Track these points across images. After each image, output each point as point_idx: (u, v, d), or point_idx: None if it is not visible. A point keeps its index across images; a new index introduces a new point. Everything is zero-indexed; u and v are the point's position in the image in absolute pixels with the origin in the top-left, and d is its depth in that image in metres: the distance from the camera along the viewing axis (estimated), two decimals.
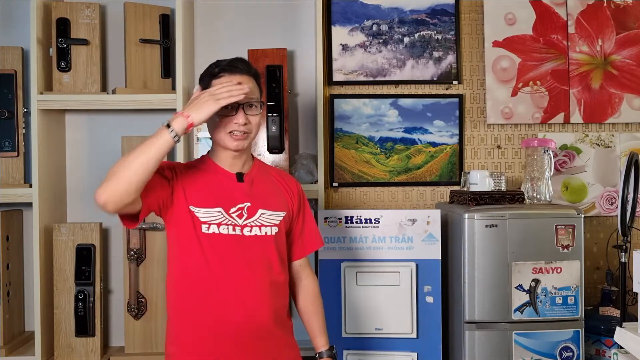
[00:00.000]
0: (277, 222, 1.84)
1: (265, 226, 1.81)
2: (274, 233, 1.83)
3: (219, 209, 1.76)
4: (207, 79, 1.79)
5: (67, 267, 2.68)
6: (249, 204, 1.80)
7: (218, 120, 1.75)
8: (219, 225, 1.75)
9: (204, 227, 1.74)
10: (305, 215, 1.98)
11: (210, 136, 1.83)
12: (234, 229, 1.76)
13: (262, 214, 1.81)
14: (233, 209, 1.77)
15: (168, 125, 1.62)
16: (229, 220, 1.76)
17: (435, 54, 3.08)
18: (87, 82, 2.73)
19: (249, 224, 1.78)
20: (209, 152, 1.90)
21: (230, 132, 1.76)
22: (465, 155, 3.09)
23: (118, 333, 2.91)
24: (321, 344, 1.97)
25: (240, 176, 1.83)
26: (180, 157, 2.66)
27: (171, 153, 2.80)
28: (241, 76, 1.77)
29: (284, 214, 1.87)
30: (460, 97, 3.08)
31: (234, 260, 1.75)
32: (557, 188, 3.04)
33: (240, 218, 1.78)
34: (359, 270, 2.55)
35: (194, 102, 1.66)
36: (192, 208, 1.74)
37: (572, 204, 3.05)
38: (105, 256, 2.91)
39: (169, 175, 1.76)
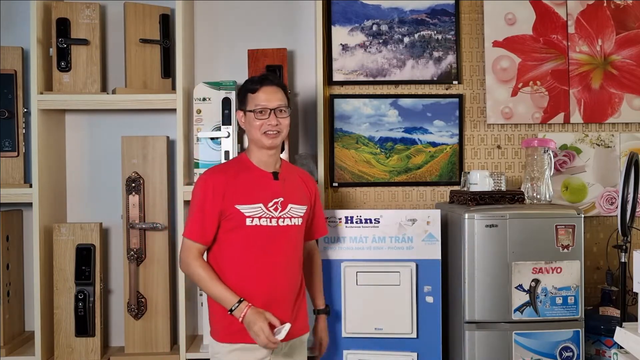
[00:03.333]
0: (302, 214, 2.20)
1: (295, 217, 2.17)
2: (300, 224, 2.19)
3: (260, 204, 2.11)
4: (244, 94, 2.17)
5: (67, 267, 2.68)
6: (282, 198, 2.14)
7: (257, 123, 2.11)
8: (260, 218, 2.10)
9: (247, 221, 2.09)
10: (318, 207, 2.36)
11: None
12: (270, 221, 2.11)
13: (291, 207, 2.16)
14: (270, 204, 2.12)
15: (234, 307, 2.04)
16: (268, 213, 2.11)
17: (435, 54, 3.08)
18: (87, 82, 2.73)
19: (282, 216, 2.14)
20: (245, 151, 2.24)
21: (264, 133, 2.12)
22: (465, 155, 3.09)
23: (118, 333, 2.91)
24: (320, 304, 2.39)
25: (275, 175, 2.17)
26: (180, 156, 2.65)
27: (172, 153, 2.82)
28: (271, 87, 2.15)
29: (306, 208, 2.22)
30: (460, 97, 3.08)
31: (270, 246, 2.11)
32: (557, 188, 3.04)
33: (276, 211, 2.13)
34: (359, 270, 2.55)
35: (250, 326, 2.02)
36: (237, 206, 2.09)
37: (572, 204, 3.05)
38: (105, 256, 2.91)
39: (220, 208, 2.10)
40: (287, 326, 2.02)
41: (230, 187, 2.10)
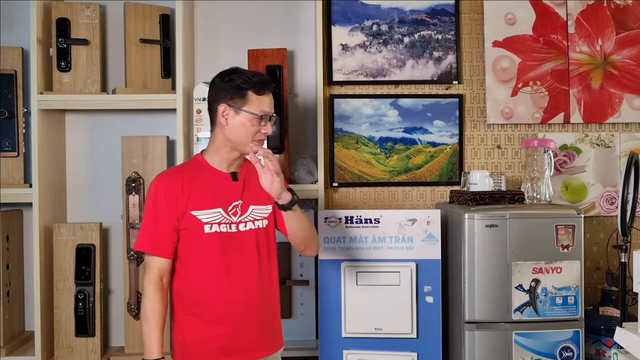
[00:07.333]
0: (267, 215, 2.00)
1: (257, 220, 1.97)
2: (264, 226, 1.99)
3: (219, 209, 1.91)
4: (243, 90, 1.88)
5: (67, 267, 2.68)
6: (241, 201, 1.95)
7: (253, 128, 1.88)
8: (219, 224, 1.90)
9: (206, 228, 1.89)
10: None
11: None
12: (230, 227, 1.92)
13: (253, 209, 1.96)
14: (229, 207, 1.93)
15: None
16: (227, 218, 1.92)
17: (435, 54, 3.08)
18: (87, 82, 2.73)
19: (242, 220, 1.94)
20: (202, 151, 2.01)
21: (252, 140, 1.90)
22: (465, 155, 3.09)
23: (118, 333, 2.91)
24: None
25: (234, 175, 1.97)
26: (180, 156, 2.66)
27: (172, 153, 2.81)
28: (268, 95, 1.91)
29: (271, 207, 2.01)
30: (460, 97, 3.08)
31: (238, 256, 1.92)
32: (557, 188, 3.04)
33: (235, 215, 1.93)
34: (359, 270, 2.55)
35: None
36: (193, 212, 1.89)
37: (572, 204, 3.05)
38: (105, 256, 2.91)
39: (175, 214, 1.88)
40: None
41: (185, 191, 1.87)
